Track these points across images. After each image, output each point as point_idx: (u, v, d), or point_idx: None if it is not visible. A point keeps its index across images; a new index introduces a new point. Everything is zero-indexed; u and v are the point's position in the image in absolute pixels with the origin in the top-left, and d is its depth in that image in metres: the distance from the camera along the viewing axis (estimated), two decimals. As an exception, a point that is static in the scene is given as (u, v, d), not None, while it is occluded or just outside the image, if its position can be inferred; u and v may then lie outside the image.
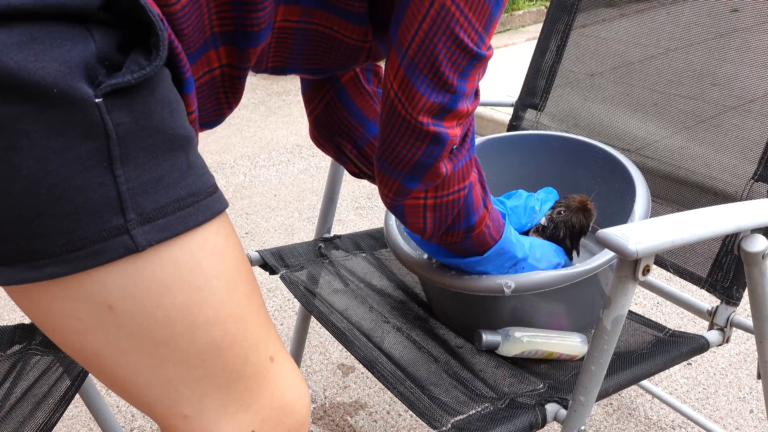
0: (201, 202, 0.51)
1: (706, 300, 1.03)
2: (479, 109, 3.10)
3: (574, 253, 1.03)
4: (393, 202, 0.76)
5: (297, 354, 1.43)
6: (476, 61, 0.66)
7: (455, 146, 0.71)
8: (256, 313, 0.57)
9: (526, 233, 1.02)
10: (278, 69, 0.72)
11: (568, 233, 1.00)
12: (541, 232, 1.02)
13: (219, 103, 0.67)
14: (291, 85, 3.73)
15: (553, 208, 1.02)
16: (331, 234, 1.24)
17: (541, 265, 0.91)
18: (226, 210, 0.54)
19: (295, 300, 1.76)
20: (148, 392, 0.54)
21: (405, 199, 0.75)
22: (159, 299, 0.50)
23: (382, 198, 0.78)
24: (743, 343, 1.64)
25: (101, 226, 0.46)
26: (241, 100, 3.48)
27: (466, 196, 0.77)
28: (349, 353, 0.91)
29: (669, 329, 1.00)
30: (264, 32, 0.61)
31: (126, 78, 0.45)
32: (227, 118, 3.24)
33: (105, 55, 0.45)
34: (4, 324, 1.10)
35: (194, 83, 0.61)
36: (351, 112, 0.89)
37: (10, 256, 0.46)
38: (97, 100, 0.44)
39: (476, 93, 0.71)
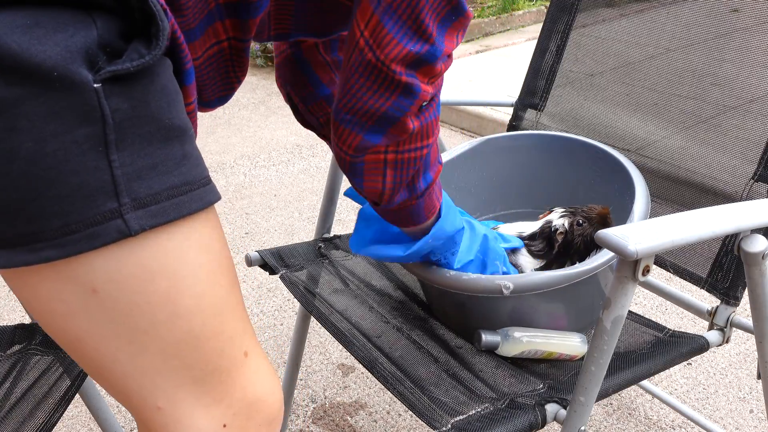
0: (194, 192, 0.51)
1: (706, 300, 1.03)
2: (479, 109, 3.10)
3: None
4: (351, 159, 0.72)
5: (297, 354, 1.43)
6: (457, 14, 0.65)
7: (425, 103, 0.69)
8: (234, 307, 0.57)
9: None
10: (282, 35, 0.72)
11: (582, 247, 0.97)
12: (552, 238, 0.98)
13: (228, 75, 0.67)
14: (291, 85, 3.73)
15: (573, 214, 0.98)
16: (331, 234, 1.24)
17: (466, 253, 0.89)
18: (227, 210, 0.55)
19: (295, 300, 1.76)
20: (125, 382, 0.54)
21: (365, 155, 0.72)
22: (143, 285, 0.50)
23: (336, 155, 0.74)
24: (743, 343, 1.64)
25: (95, 209, 0.46)
26: (241, 100, 3.49)
27: (428, 154, 0.75)
28: (349, 353, 0.91)
29: (669, 329, 1.00)
30: (264, 2, 0.62)
31: (125, 65, 0.46)
32: (227, 118, 3.25)
33: (107, 42, 0.46)
34: (4, 324, 1.10)
35: (201, 58, 0.62)
36: (306, 72, 0.89)
37: (9, 239, 0.47)
38: (95, 85, 0.45)
39: (449, 56, 0.69)
